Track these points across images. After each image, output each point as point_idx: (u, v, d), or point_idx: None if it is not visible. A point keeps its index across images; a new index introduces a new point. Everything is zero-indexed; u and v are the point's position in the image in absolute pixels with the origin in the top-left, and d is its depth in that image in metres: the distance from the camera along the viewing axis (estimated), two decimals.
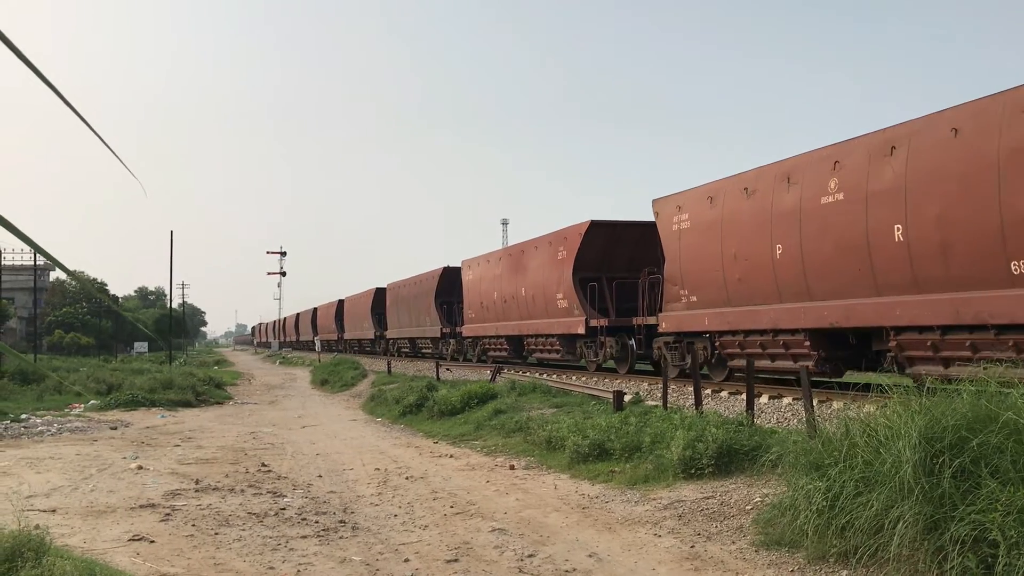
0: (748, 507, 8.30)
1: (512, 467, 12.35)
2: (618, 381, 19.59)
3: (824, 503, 6.51)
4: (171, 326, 63.26)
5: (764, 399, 14.07)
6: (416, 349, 42.79)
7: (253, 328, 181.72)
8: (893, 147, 12.45)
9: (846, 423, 7.24)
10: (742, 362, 15.26)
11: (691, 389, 13.96)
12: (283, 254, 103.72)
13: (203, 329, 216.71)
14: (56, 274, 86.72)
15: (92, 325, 70.86)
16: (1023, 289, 10.53)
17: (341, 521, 9.03)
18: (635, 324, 20.71)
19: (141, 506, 9.89)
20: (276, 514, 9.43)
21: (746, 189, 15.74)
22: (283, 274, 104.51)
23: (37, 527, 7.03)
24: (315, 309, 76.19)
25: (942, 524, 5.53)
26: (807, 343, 14.39)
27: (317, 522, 8.98)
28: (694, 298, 17.39)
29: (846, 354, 14.37)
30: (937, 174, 11.71)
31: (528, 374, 23.86)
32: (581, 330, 22.62)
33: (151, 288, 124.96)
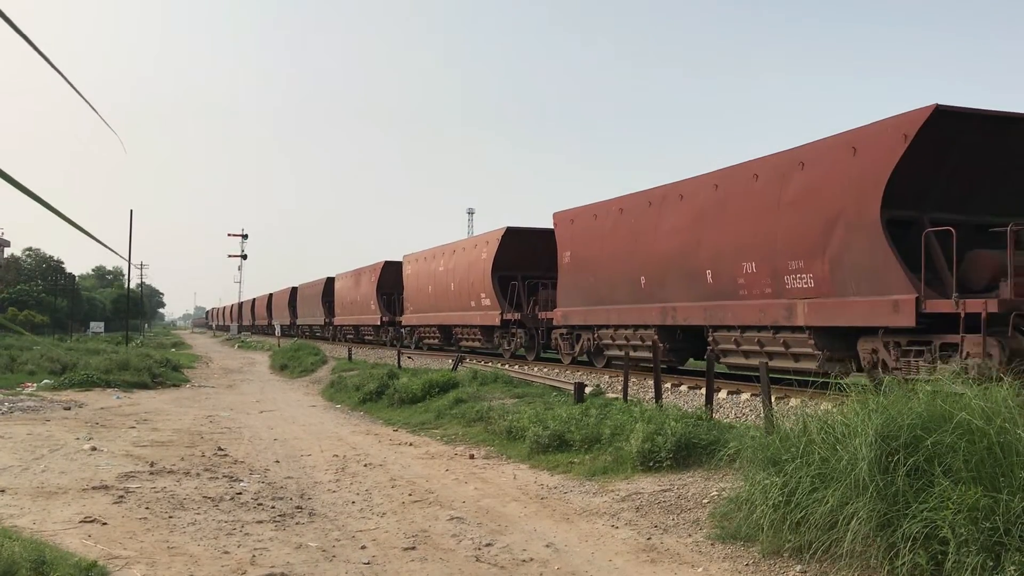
0: (705, 501, 8.37)
1: (472, 456, 12.35)
2: (579, 372, 19.68)
3: (780, 498, 6.57)
4: (128, 306, 62.32)
5: (723, 394, 14.22)
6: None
7: (208, 312, 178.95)
8: (455, 251, 30.35)
9: (804, 420, 7.31)
10: (430, 340, 34.46)
11: (651, 383, 14.12)
12: (244, 237, 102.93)
13: (161, 311, 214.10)
14: (10, 251, 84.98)
15: (47, 303, 69.52)
16: (474, 312, 27.83)
17: (298, 507, 8.97)
18: (395, 320, 38.46)
19: (94, 488, 9.74)
20: (232, 498, 9.33)
21: (425, 258, 33.87)
22: (244, 257, 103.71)
23: None
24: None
25: (895, 521, 5.61)
26: (436, 331, 32.93)
27: (273, 507, 8.90)
28: (412, 308, 35.55)
29: (447, 336, 32.19)
30: (460, 267, 29.33)
31: (491, 364, 23.90)
32: (378, 322, 40.41)
33: (109, 267, 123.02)
